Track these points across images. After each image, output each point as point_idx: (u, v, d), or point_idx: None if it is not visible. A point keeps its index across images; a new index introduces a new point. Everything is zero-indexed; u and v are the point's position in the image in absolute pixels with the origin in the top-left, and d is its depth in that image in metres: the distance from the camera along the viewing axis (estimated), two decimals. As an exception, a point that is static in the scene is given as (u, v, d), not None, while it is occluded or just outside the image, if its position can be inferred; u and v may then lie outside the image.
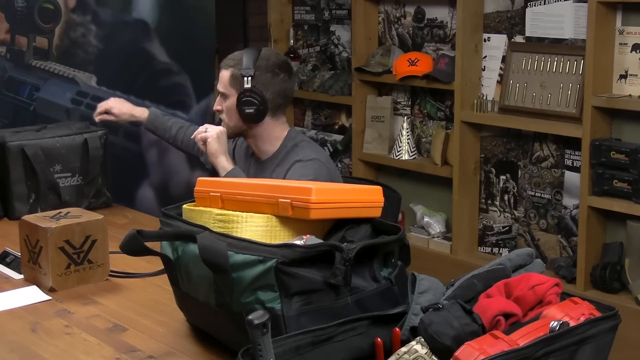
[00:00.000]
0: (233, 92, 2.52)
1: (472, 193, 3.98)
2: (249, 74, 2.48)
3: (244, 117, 2.49)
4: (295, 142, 2.54)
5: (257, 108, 2.48)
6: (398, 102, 4.34)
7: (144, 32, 3.74)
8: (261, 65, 2.49)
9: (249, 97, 2.47)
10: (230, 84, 2.52)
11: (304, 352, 1.37)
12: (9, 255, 2.35)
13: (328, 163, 2.52)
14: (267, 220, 1.67)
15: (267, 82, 2.49)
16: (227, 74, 2.53)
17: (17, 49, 3.39)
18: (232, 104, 2.52)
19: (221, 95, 2.56)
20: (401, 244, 1.65)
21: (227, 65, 2.55)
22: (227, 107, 2.54)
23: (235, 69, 2.51)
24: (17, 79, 3.40)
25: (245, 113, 2.48)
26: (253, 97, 2.47)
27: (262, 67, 2.49)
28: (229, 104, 2.54)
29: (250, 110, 2.48)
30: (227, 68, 2.54)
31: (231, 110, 2.53)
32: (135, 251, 1.66)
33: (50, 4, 3.44)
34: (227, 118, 2.56)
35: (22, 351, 1.78)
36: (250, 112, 2.48)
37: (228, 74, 2.53)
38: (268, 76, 2.50)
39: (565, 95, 3.57)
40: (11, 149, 2.78)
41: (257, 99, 2.47)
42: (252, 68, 2.48)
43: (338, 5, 4.62)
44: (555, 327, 1.29)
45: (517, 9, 3.77)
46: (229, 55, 2.58)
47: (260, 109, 2.48)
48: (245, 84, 2.47)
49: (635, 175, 3.24)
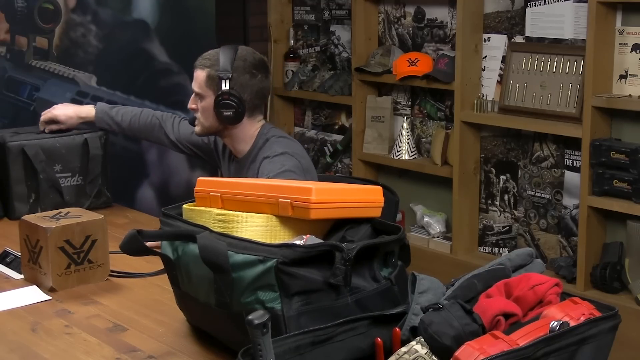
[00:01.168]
0: (209, 92, 2.48)
1: (472, 193, 3.98)
2: (227, 75, 2.44)
3: (222, 119, 2.47)
4: (266, 137, 2.52)
5: (236, 110, 2.45)
6: (398, 102, 4.34)
7: (144, 32, 3.74)
8: (239, 67, 2.46)
9: (227, 99, 2.44)
10: (207, 84, 2.48)
11: (304, 352, 1.37)
12: (9, 255, 2.34)
13: (299, 155, 2.49)
14: (267, 220, 1.67)
15: (245, 84, 2.46)
16: (202, 74, 2.49)
17: (17, 49, 3.38)
18: (209, 105, 2.48)
19: (196, 94, 2.53)
20: (401, 243, 1.65)
21: (202, 65, 2.50)
22: (203, 107, 2.51)
23: (212, 70, 2.47)
24: (17, 79, 3.40)
25: (224, 116, 2.45)
26: (231, 100, 2.44)
27: (239, 69, 2.46)
28: (205, 105, 2.50)
29: (228, 113, 2.45)
30: (203, 68, 2.50)
31: (207, 111, 2.50)
32: (135, 251, 1.66)
33: (50, 4, 3.44)
34: (203, 118, 2.53)
35: (22, 351, 1.78)
36: (229, 114, 2.45)
37: (204, 74, 2.49)
38: (246, 77, 2.46)
39: (565, 95, 3.57)
40: (11, 149, 2.78)
41: (235, 101, 2.44)
42: (230, 69, 2.44)
43: (338, 5, 4.62)
44: (555, 327, 1.29)
45: (517, 9, 3.77)
46: (204, 55, 2.54)
47: (238, 111, 2.45)
48: (223, 86, 2.44)
49: (635, 175, 3.24)
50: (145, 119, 2.84)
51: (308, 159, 2.53)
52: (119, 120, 2.85)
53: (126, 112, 2.87)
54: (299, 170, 2.41)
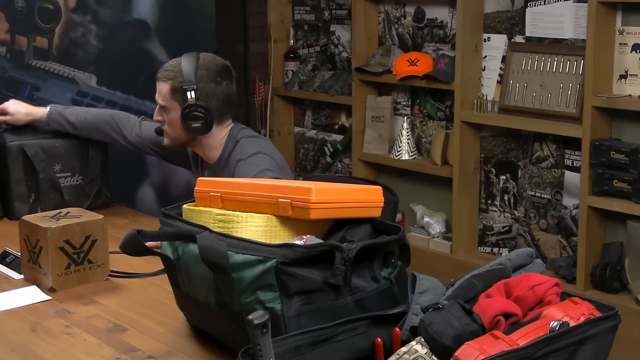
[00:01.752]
0: (175, 104, 2.46)
1: (472, 193, 3.98)
2: (192, 87, 2.42)
3: (191, 130, 2.45)
4: (235, 140, 2.51)
5: (204, 121, 2.43)
6: (398, 102, 4.34)
7: (144, 32, 3.74)
8: (203, 76, 2.44)
9: (195, 111, 2.42)
10: (172, 97, 2.45)
11: (304, 352, 1.37)
12: (9, 255, 2.34)
13: (272, 153, 2.48)
14: (267, 220, 1.67)
15: (211, 93, 2.44)
16: (166, 87, 2.46)
17: (17, 49, 3.38)
18: (175, 117, 2.46)
19: (161, 107, 2.49)
20: (401, 244, 1.65)
21: (165, 77, 2.47)
22: (170, 119, 2.48)
23: (175, 82, 2.44)
24: (17, 79, 3.40)
25: (192, 127, 2.44)
26: (198, 111, 2.42)
27: (204, 78, 2.44)
28: (171, 117, 2.48)
29: (197, 125, 2.44)
30: (166, 80, 2.46)
31: (175, 123, 2.48)
32: (135, 251, 1.66)
33: (50, 4, 3.44)
34: (171, 130, 2.50)
35: (22, 351, 1.78)
36: (197, 125, 2.44)
37: (167, 87, 2.46)
38: (211, 86, 2.45)
39: (565, 95, 3.57)
40: (11, 148, 2.78)
41: (203, 111, 2.42)
42: (194, 80, 2.42)
43: (338, 5, 4.62)
44: (555, 327, 1.29)
45: (517, 9, 3.77)
46: (165, 66, 2.50)
47: (207, 121, 2.44)
48: (189, 97, 2.41)
49: (635, 175, 3.24)
50: (99, 118, 2.78)
51: (280, 155, 2.53)
52: (73, 120, 2.79)
53: (80, 112, 2.81)
54: (275, 168, 2.42)
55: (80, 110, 2.83)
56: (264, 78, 4.85)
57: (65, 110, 2.82)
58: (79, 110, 2.84)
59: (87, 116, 2.80)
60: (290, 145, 4.96)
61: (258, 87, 4.82)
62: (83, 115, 2.81)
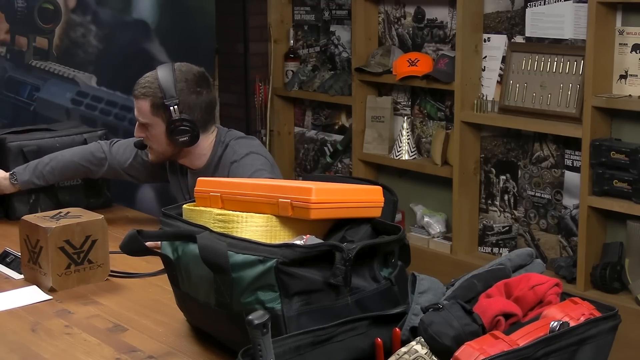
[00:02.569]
0: (158, 121, 2.42)
1: (472, 193, 3.98)
2: (174, 102, 2.38)
3: (179, 145, 2.43)
4: (225, 143, 2.50)
5: (191, 134, 2.41)
6: (398, 102, 4.34)
7: (144, 32, 3.75)
8: (183, 89, 2.40)
9: (180, 125, 2.39)
10: (153, 113, 2.41)
11: (304, 352, 1.37)
12: (9, 255, 2.34)
13: (263, 152, 2.49)
14: (267, 220, 1.67)
15: (193, 104, 2.41)
16: (146, 104, 2.41)
17: (17, 49, 3.39)
18: (160, 133, 2.43)
19: (142, 124, 2.45)
20: (401, 244, 1.65)
21: (143, 94, 2.42)
22: (154, 135, 2.45)
23: (155, 97, 2.40)
24: (17, 79, 3.40)
25: (180, 142, 2.42)
26: (184, 125, 2.40)
27: (184, 91, 2.40)
28: (155, 133, 2.44)
29: (184, 139, 2.41)
30: (145, 98, 2.41)
31: (159, 139, 2.44)
32: (135, 251, 1.66)
33: (50, 4, 3.44)
34: (156, 145, 2.47)
35: (22, 351, 1.78)
36: (185, 139, 2.42)
37: (147, 103, 2.41)
38: (192, 98, 2.42)
39: (565, 96, 3.57)
40: (11, 149, 2.78)
41: (188, 125, 2.40)
42: (175, 94, 2.38)
43: (338, 5, 4.62)
44: (555, 327, 1.29)
45: (517, 9, 3.77)
46: (141, 82, 2.45)
47: (193, 133, 2.42)
48: (173, 113, 2.38)
49: (635, 175, 3.24)
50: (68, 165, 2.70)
51: (268, 153, 2.54)
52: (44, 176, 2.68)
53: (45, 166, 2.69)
54: (268, 167, 2.44)
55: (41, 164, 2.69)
56: (264, 78, 4.85)
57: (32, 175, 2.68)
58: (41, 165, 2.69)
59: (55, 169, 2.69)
60: (290, 146, 4.96)
61: (258, 88, 4.82)
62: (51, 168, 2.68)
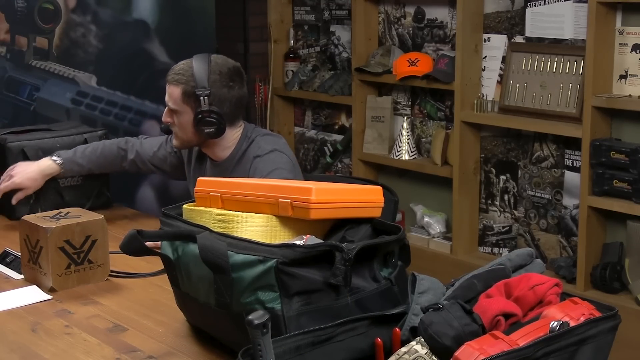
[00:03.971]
0: (187, 109, 2.42)
1: (472, 193, 3.98)
2: (205, 92, 2.38)
3: (204, 135, 2.43)
4: (250, 139, 2.50)
5: (217, 126, 2.41)
6: (398, 102, 4.34)
7: (144, 32, 3.74)
8: (215, 81, 2.40)
9: (208, 117, 2.39)
10: (183, 101, 2.41)
11: (304, 352, 1.37)
12: (9, 255, 2.34)
13: (287, 150, 2.48)
14: (267, 220, 1.67)
15: (223, 98, 2.41)
16: (177, 91, 2.42)
17: (17, 49, 3.39)
18: (187, 121, 2.43)
19: (171, 110, 2.45)
20: (401, 244, 1.66)
21: (177, 81, 2.42)
22: (181, 123, 2.45)
23: (187, 86, 2.40)
24: (17, 79, 3.40)
25: (205, 133, 2.42)
26: (212, 117, 2.39)
27: (216, 83, 2.40)
28: (182, 121, 2.44)
29: (210, 130, 2.41)
30: (177, 84, 2.42)
31: (186, 127, 2.44)
32: (135, 251, 1.66)
33: (50, 4, 3.44)
34: (181, 132, 2.47)
35: (22, 351, 1.78)
36: (210, 131, 2.41)
37: (179, 90, 2.41)
38: (224, 91, 2.41)
39: (565, 95, 3.57)
40: (11, 149, 2.78)
41: (215, 117, 2.40)
42: (207, 85, 2.38)
43: (338, 5, 4.62)
44: (555, 327, 1.29)
45: (517, 9, 3.77)
46: (176, 69, 2.45)
47: (220, 126, 2.41)
48: (202, 104, 2.38)
49: (635, 175, 3.24)
50: (109, 153, 2.73)
51: (293, 153, 2.53)
52: (85, 163, 2.72)
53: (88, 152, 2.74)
54: (290, 167, 2.43)
55: (85, 150, 2.75)
56: (264, 78, 4.85)
57: (75, 156, 2.73)
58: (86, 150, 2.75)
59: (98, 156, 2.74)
60: (291, 145, 4.94)
61: (258, 87, 4.82)
62: (94, 155, 2.74)
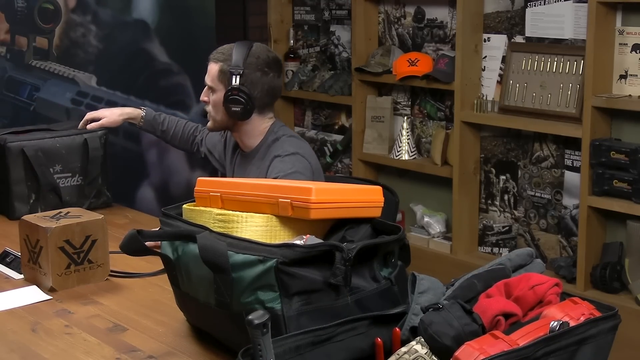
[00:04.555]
0: (221, 87, 2.50)
1: (472, 193, 3.98)
2: (238, 72, 2.45)
3: (230, 114, 2.49)
4: (276, 136, 2.53)
5: (244, 107, 2.46)
6: (398, 102, 4.34)
7: (144, 32, 3.75)
8: (251, 63, 2.47)
9: (236, 95, 2.45)
10: (219, 78, 2.50)
11: (304, 352, 1.37)
12: (9, 255, 2.35)
13: (309, 156, 2.50)
14: (267, 220, 1.67)
15: (256, 81, 2.47)
16: (215, 68, 2.51)
17: (17, 49, 3.39)
18: (219, 99, 2.50)
19: (208, 87, 2.54)
20: (401, 243, 1.66)
21: (216, 59, 2.52)
22: (214, 101, 2.53)
23: (225, 64, 2.48)
24: (17, 79, 3.40)
25: (232, 111, 2.47)
26: (240, 96, 2.45)
27: (251, 65, 2.47)
28: (216, 99, 2.52)
29: (236, 109, 2.47)
30: (216, 62, 2.51)
31: (218, 105, 2.52)
32: (135, 251, 1.66)
33: (50, 4, 3.44)
34: (214, 112, 2.55)
35: (22, 351, 1.78)
36: (237, 110, 2.47)
37: (217, 67, 2.50)
38: (257, 75, 2.47)
39: (565, 95, 3.57)
40: (12, 149, 2.78)
41: (244, 97, 2.45)
42: (242, 66, 2.45)
43: (338, 5, 4.62)
44: (555, 327, 1.29)
45: (517, 9, 3.77)
46: (219, 48, 2.55)
47: (247, 107, 2.47)
48: (234, 81, 2.45)
49: (635, 175, 3.24)
50: (185, 130, 2.87)
51: (317, 160, 2.56)
52: (165, 128, 2.86)
53: (169, 121, 2.88)
54: (309, 172, 2.43)
55: (166, 119, 2.89)
56: (264, 78, 4.85)
57: (159, 116, 2.88)
58: (167, 118, 2.89)
59: (176, 126, 2.87)
60: (290, 145, 4.96)
61: (258, 87, 4.82)
62: (173, 125, 2.87)
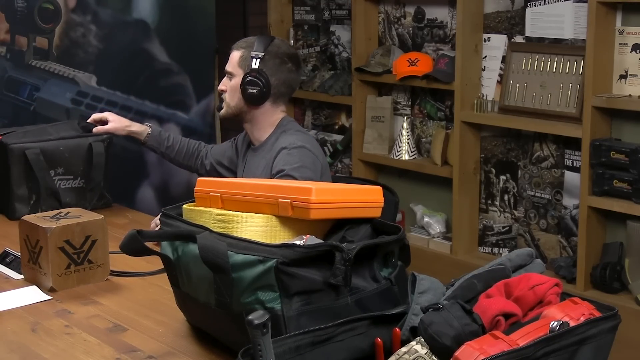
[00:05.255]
0: (240, 72, 2.58)
1: (472, 193, 3.98)
2: (259, 56, 2.54)
3: (246, 97, 2.55)
4: (284, 129, 2.58)
5: (260, 90, 2.54)
6: (398, 102, 4.34)
7: (144, 32, 3.75)
8: (271, 51, 2.56)
9: (254, 77, 2.54)
10: (239, 64, 2.58)
11: (304, 352, 1.37)
12: (9, 255, 2.34)
13: (316, 151, 2.53)
14: (267, 220, 1.67)
15: (275, 68, 2.56)
16: (237, 55, 2.60)
17: (17, 49, 3.39)
18: (237, 84, 2.58)
19: (228, 74, 2.62)
20: (401, 244, 1.66)
21: (239, 46, 2.62)
22: (232, 86, 2.60)
23: (246, 51, 2.58)
24: (17, 79, 3.40)
25: (248, 93, 2.54)
26: (258, 79, 2.53)
27: (272, 53, 2.56)
28: (233, 83, 2.59)
29: (253, 91, 2.54)
30: (239, 49, 2.61)
31: (234, 90, 2.59)
32: (135, 251, 1.66)
33: (50, 4, 3.44)
34: (229, 97, 2.61)
35: (22, 351, 1.78)
36: (253, 92, 2.54)
37: (238, 54, 2.60)
38: (276, 62, 2.56)
39: (565, 95, 3.57)
40: (13, 150, 2.77)
41: (262, 80, 2.53)
42: (263, 52, 2.55)
43: (338, 5, 4.62)
44: (555, 327, 1.29)
45: (517, 9, 3.77)
46: (242, 39, 2.66)
47: (263, 91, 2.54)
48: (253, 64, 2.54)
49: (635, 175, 3.24)
50: (190, 145, 2.88)
51: (324, 156, 2.60)
52: (170, 144, 2.87)
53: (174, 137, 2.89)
54: (315, 168, 2.45)
55: (174, 135, 2.91)
56: (264, 78, 4.85)
57: (164, 132, 2.90)
58: (172, 136, 2.90)
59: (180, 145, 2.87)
60: (290, 145, 4.96)
61: (258, 87, 4.82)
62: (177, 143, 2.88)
